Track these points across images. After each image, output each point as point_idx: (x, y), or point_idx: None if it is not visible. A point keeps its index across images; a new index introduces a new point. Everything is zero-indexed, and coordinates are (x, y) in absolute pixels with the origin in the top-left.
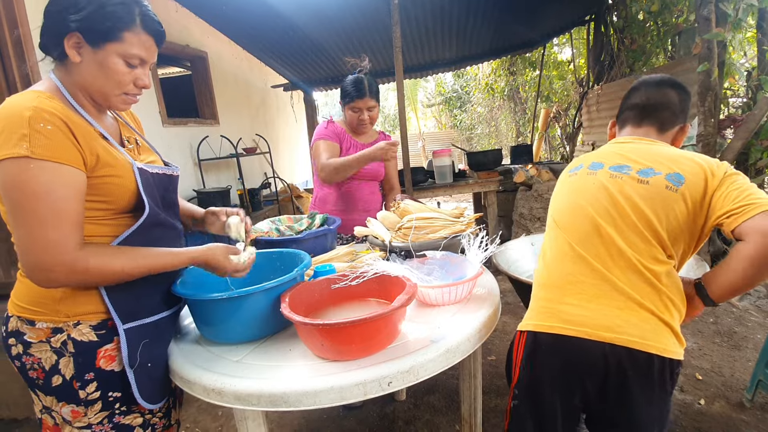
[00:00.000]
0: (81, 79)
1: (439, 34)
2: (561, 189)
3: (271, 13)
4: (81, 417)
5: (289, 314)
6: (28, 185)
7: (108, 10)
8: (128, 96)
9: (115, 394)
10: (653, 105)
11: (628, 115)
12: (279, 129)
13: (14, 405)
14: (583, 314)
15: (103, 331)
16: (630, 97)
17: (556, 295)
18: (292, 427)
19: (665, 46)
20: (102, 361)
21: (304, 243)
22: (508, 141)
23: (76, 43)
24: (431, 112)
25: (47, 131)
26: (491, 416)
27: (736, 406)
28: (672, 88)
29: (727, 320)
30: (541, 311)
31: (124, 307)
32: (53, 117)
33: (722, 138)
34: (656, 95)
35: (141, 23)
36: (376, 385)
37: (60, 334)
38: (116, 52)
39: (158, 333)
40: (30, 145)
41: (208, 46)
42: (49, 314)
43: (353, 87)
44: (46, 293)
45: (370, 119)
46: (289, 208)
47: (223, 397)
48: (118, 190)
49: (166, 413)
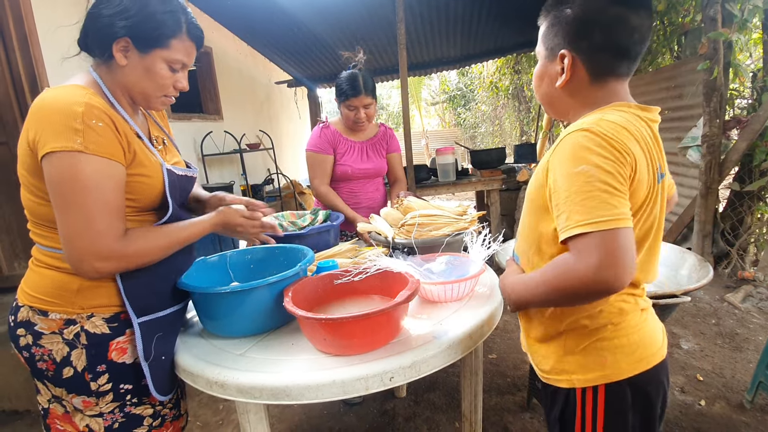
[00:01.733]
0: (125, 80)
1: (444, 31)
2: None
3: (276, 9)
4: (92, 406)
5: (292, 309)
6: (78, 179)
7: (158, 18)
8: (167, 98)
9: (127, 386)
10: None
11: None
12: (282, 125)
13: (15, 398)
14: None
15: (116, 324)
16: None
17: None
18: (293, 422)
19: (671, 45)
20: (114, 353)
21: (307, 239)
22: (512, 140)
23: (124, 47)
24: (435, 110)
25: (99, 128)
26: (491, 414)
27: (736, 408)
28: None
29: (729, 322)
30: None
31: (139, 302)
32: (102, 114)
33: (727, 139)
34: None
35: (186, 31)
36: (377, 380)
37: (73, 326)
38: (162, 58)
39: (170, 326)
40: (84, 140)
41: (212, 41)
42: (64, 305)
43: (348, 84)
44: (63, 284)
45: (366, 116)
46: (292, 205)
47: (225, 390)
48: (147, 189)
49: (176, 404)
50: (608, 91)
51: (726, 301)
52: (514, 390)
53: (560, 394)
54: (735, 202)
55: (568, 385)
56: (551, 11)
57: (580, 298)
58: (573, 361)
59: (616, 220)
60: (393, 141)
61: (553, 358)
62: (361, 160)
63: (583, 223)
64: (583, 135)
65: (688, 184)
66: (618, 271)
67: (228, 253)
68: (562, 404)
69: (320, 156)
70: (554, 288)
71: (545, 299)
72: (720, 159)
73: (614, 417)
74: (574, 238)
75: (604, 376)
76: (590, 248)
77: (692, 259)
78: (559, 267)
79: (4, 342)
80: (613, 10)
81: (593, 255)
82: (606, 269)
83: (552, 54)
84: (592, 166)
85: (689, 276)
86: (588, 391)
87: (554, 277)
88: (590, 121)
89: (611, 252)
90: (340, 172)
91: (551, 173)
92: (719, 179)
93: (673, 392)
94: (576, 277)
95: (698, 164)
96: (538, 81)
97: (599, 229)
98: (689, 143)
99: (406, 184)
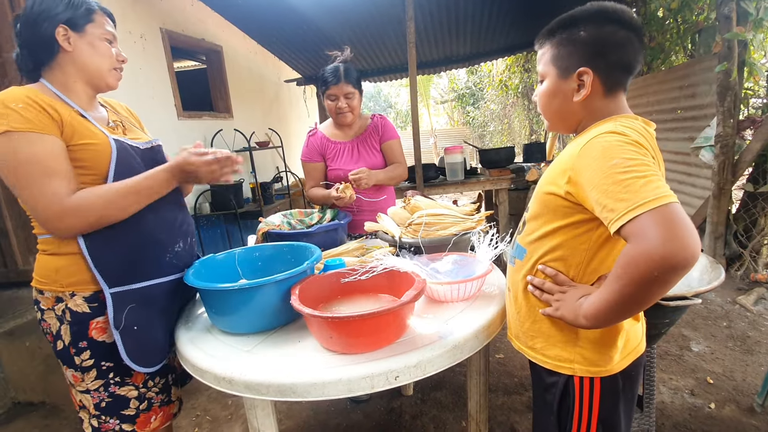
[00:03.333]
0: (79, 64)
1: (454, 29)
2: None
3: (286, 7)
4: (80, 382)
5: (299, 306)
6: (16, 154)
7: (75, 1)
8: (117, 71)
9: (108, 363)
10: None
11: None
12: (291, 123)
13: (30, 389)
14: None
15: (95, 304)
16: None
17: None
18: (300, 418)
19: (685, 44)
20: (94, 331)
21: (314, 237)
22: (521, 139)
23: (65, 34)
24: (444, 108)
25: (20, 108)
26: (498, 413)
27: (746, 411)
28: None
29: (741, 324)
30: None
31: (110, 271)
32: (22, 97)
33: (741, 139)
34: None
35: (98, 7)
36: (383, 379)
37: (60, 303)
38: (96, 33)
39: (146, 300)
40: (8, 121)
41: (223, 40)
42: (50, 284)
43: (329, 73)
44: (47, 265)
45: (348, 107)
46: (300, 203)
47: (233, 386)
48: (96, 156)
49: (164, 389)
50: (618, 103)
51: (738, 304)
52: (521, 390)
53: (558, 380)
54: (748, 203)
55: (570, 373)
56: (557, 34)
57: (660, 282)
58: (578, 353)
59: (663, 197)
60: (387, 130)
61: (559, 346)
62: (351, 161)
63: (632, 207)
64: (609, 136)
65: (700, 184)
66: (684, 241)
67: (236, 250)
68: (561, 390)
69: (310, 165)
70: (629, 282)
71: (626, 300)
72: (733, 159)
73: (608, 402)
74: (626, 225)
75: (606, 370)
76: (646, 228)
77: (704, 260)
78: (624, 260)
79: (20, 334)
80: (622, 33)
81: (652, 232)
82: (671, 241)
83: (566, 72)
84: (624, 158)
85: (700, 278)
86: (585, 379)
87: (625, 272)
88: (609, 126)
89: (669, 225)
90: (334, 176)
91: (580, 176)
92: (732, 180)
93: (682, 395)
94: (644, 260)
95: (711, 165)
96: (549, 99)
97: (649, 208)
98: (702, 143)
99: (405, 166)
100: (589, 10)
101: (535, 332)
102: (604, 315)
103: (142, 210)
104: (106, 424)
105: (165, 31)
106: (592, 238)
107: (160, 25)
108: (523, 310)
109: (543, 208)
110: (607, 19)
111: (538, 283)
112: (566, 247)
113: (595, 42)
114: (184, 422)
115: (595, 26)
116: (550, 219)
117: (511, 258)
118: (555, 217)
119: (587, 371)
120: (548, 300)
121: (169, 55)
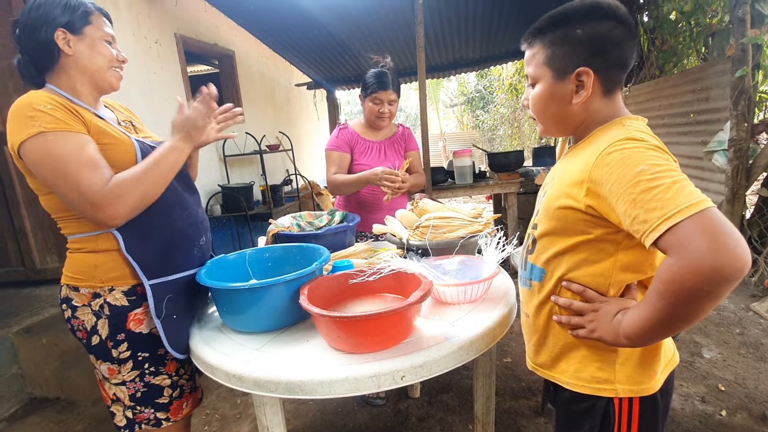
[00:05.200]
0: (81, 66)
1: (464, 33)
2: None
3: (296, 12)
4: (116, 374)
5: (308, 306)
6: (53, 153)
7: (71, 3)
8: (117, 71)
9: (144, 354)
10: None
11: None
12: (302, 127)
13: (46, 385)
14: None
15: (134, 297)
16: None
17: None
18: (308, 418)
19: (698, 47)
20: (132, 323)
21: (323, 238)
22: (531, 143)
23: (64, 38)
24: (453, 112)
25: (48, 109)
26: (504, 417)
27: (758, 419)
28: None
29: (754, 331)
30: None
31: (148, 266)
32: (48, 99)
33: (755, 143)
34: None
35: (95, 8)
36: (389, 378)
37: (98, 299)
38: (94, 35)
39: (180, 290)
40: (40, 122)
41: (235, 44)
42: (89, 281)
43: (375, 79)
44: (85, 262)
45: (389, 113)
46: (310, 205)
47: (243, 383)
48: (121, 154)
49: (191, 377)
50: (617, 103)
51: (751, 310)
52: (528, 394)
53: (596, 403)
54: (763, 208)
55: (611, 395)
56: (549, 33)
57: (710, 296)
58: (620, 372)
59: (698, 202)
60: (411, 140)
61: (595, 366)
62: (379, 160)
63: (667, 216)
64: (627, 143)
65: (713, 189)
66: (734, 250)
67: (247, 251)
68: (601, 415)
69: (336, 153)
70: (674, 299)
71: (672, 318)
72: (747, 164)
73: (648, 421)
74: (664, 236)
75: (650, 387)
76: (689, 238)
77: None
78: (667, 275)
79: (37, 331)
80: (619, 29)
81: (696, 242)
82: (718, 251)
83: (563, 74)
84: (650, 164)
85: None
86: (624, 401)
87: (668, 288)
88: (623, 132)
89: (714, 233)
90: (359, 171)
91: (601, 187)
92: (746, 185)
93: (693, 401)
94: (692, 274)
95: (725, 169)
96: (545, 103)
97: (686, 216)
98: (715, 147)
99: (424, 177)
100: (582, 7)
101: (564, 355)
102: (647, 334)
103: (171, 204)
104: (141, 414)
105: (179, 36)
106: (618, 249)
107: (175, 31)
108: (548, 334)
109: (558, 223)
110: (604, 15)
111: (565, 303)
112: (590, 261)
113: (592, 40)
114: (193, 420)
115: (592, 23)
116: (568, 234)
117: (524, 281)
118: (574, 233)
119: (630, 391)
120: (580, 323)
121: (182, 60)
